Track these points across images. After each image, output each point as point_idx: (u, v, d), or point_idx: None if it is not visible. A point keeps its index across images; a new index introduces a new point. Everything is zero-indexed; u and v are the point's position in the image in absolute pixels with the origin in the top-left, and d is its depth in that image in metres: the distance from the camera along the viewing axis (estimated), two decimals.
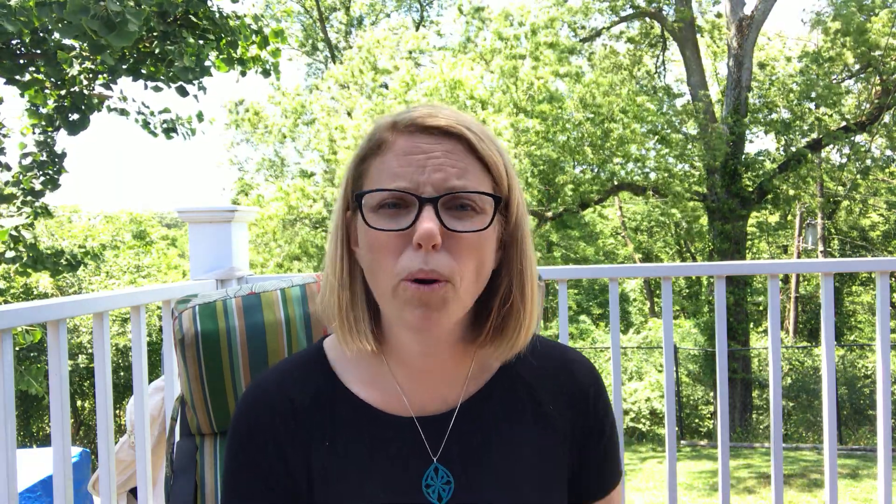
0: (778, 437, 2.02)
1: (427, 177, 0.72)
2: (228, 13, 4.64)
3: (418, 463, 0.79)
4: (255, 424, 0.81)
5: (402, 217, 0.72)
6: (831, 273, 2.03)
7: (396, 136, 0.76)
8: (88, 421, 12.64)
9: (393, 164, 0.74)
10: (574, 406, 0.86)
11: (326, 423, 0.81)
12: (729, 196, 11.57)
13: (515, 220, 0.79)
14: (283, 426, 0.80)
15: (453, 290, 0.72)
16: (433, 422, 0.81)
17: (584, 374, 0.89)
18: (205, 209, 2.11)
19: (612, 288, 2.05)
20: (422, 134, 0.74)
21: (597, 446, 0.88)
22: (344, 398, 0.82)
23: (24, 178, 4.74)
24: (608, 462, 0.89)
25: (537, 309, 0.83)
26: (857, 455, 8.45)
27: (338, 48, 17.80)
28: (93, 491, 2.24)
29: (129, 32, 3.29)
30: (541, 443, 0.83)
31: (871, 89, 12.13)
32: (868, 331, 18.02)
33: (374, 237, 0.73)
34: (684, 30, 12.47)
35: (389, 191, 0.72)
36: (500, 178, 0.77)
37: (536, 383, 0.86)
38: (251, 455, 0.80)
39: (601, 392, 0.89)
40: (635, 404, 11.94)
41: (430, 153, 0.73)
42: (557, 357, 0.89)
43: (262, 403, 0.82)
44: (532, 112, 10.07)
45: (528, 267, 0.80)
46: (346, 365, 0.84)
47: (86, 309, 1.53)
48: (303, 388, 0.83)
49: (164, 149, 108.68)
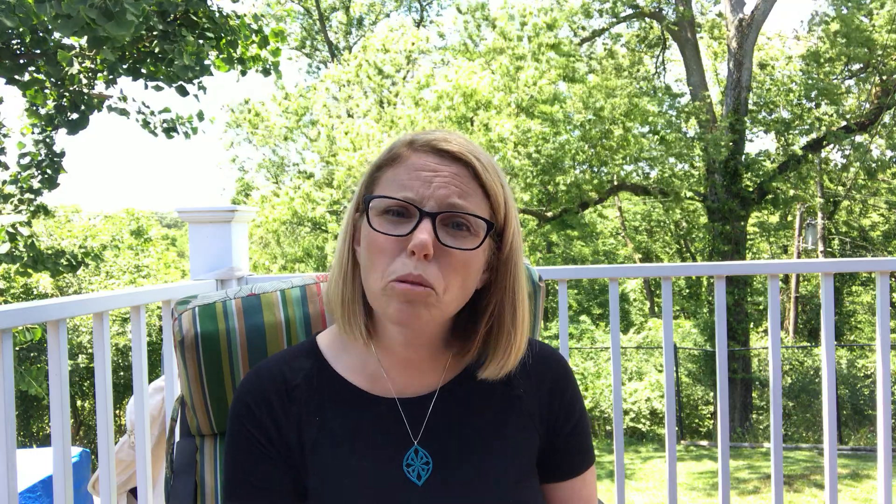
0: (778, 437, 2.02)
1: (431, 192, 0.79)
2: (228, 13, 4.63)
3: (399, 445, 0.86)
4: (252, 402, 0.87)
5: (403, 225, 0.80)
6: (831, 273, 2.03)
7: (411, 152, 0.84)
8: (88, 421, 12.64)
9: (403, 177, 0.81)
10: (543, 391, 0.94)
11: (316, 400, 0.88)
12: (729, 196, 11.57)
13: (510, 249, 0.86)
14: (278, 402, 0.87)
15: (436, 297, 0.79)
16: (414, 403, 0.88)
17: (552, 362, 0.97)
18: (205, 209, 2.11)
19: (612, 288, 2.05)
20: (434, 154, 0.82)
21: (566, 428, 0.94)
22: (332, 380, 0.89)
23: (23, 177, 4.73)
24: (579, 443, 0.95)
25: (527, 334, 0.90)
26: (857, 455, 8.45)
27: (338, 48, 17.80)
28: (93, 491, 2.24)
29: (127, 21, 3.29)
30: (514, 425, 0.90)
31: (872, 89, 12.13)
32: (868, 331, 18.01)
33: (374, 238, 0.80)
34: (684, 30, 12.47)
35: (395, 199, 0.80)
36: (497, 207, 0.84)
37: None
38: (252, 434, 0.86)
39: (569, 378, 0.97)
40: (635, 404, 11.94)
41: (438, 172, 0.81)
42: (532, 351, 0.95)
43: (258, 384, 0.89)
44: (533, 112, 10.07)
45: (519, 293, 0.87)
46: (337, 353, 0.91)
47: (86, 309, 1.53)
48: (295, 370, 0.90)
49: (164, 149, 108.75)
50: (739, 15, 11.79)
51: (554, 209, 12.02)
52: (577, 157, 11.10)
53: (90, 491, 2.25)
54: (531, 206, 12.13)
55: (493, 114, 9.74)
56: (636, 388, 12.32)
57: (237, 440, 0.87)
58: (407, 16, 19.25)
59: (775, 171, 11.93)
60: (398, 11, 19.23)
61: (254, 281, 2.14)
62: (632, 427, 11.61)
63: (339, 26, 18.71)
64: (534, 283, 1.16)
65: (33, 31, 4.24)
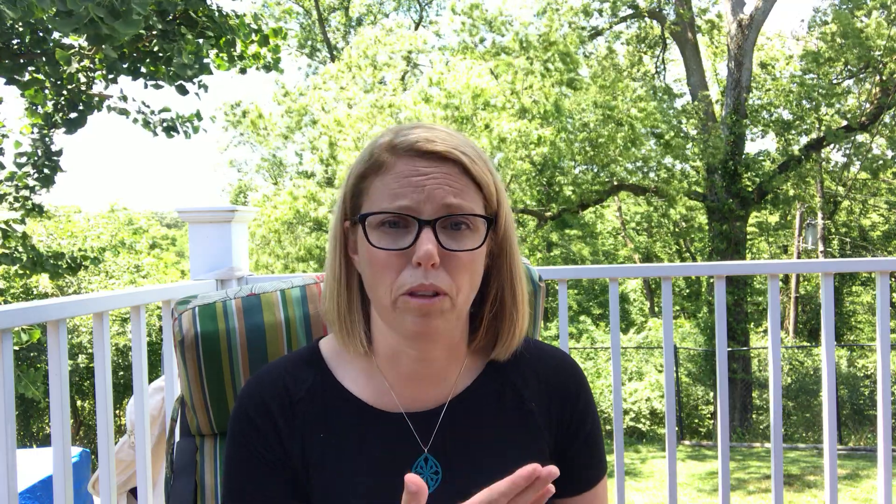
0: (778, 437, 2.02)
1: (425, 197, 0.77)
2: (228, 12, 4.63)
3: (408, 453, 0.84)
4: (254, 414, 0.85)
5: (402, 237, 0.78)
6: (831, 273, 2.03)
7: (396, 158, 0.80)
8: (88, 421, 12.63)
9: (393, 186, 0.79)
10: (556, 402, 0.91)
11: (320, 414, 0.85)
12: (729, 196, 11.57)
13: (504, 232, 0.86)
14: (281, 415, 0.85)
15: (450, 303, 0.78)
16: (423, 417, 0.86)
17: (566, 371, 0.94)
18: (205, 209, 2.11)
19: (612, 288, 2.05)
20: (421, 158, 0.79)
21: (578, 441, 0.92)
22: (336, 393, 0.87)
23: (18, 175, 4.73)
24: (591, 457, 0.93)
25: (528, 310, 0.90)
26: (857, 455, 8.45)
27: (337, 48, 17.79)
28: (93, 491, 2.24)
29: (134, 20, 3.28)
30: (524, 436, 0.88)
31: (871, 89, 12.13)
32: (868, 331, 18.01)
33: (375, 255, 0.78)
34: (684, 30, 12.47)
35: (391, 213, 0.78)
36: (490, 197, 0.83)
37: (520, 381, 0.91)
38: (252, 442, 0.84)
39: (583, 388, 0.94)
40: (635, 404, 11.93)
41: (428, 175, 0.78)
42: (542, 356, 0.94)
43: (260, 395, 0.86)
44: (535, 115, 10.06)
45: (516, 273, 0.87)
46: (340, 363, 0.89)
47: (86, 309, 1.53)
48: (298, 382, 0.87)
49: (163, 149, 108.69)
50: (739, 15, 11.79)
51: (553, 209, 12.02)
52: (578, 158, 11.10)
53: (90, 491, 2.25)
54: (531, 207, 12.13)
55: (494, 115, 9.73)
56: (636, 388, 12.31)
57: (237, 448, 0.85)
58: (406, 16, 19.26)
59: (775, 171, 11.94)
60: (397, 12, 19.23)
61: (254, 281, 2.14)
62: (632, 427, 11.61)
63: (338, 27, 18.72)
64: (534, 283, 1.16)
65: (33, 31, 4.23)
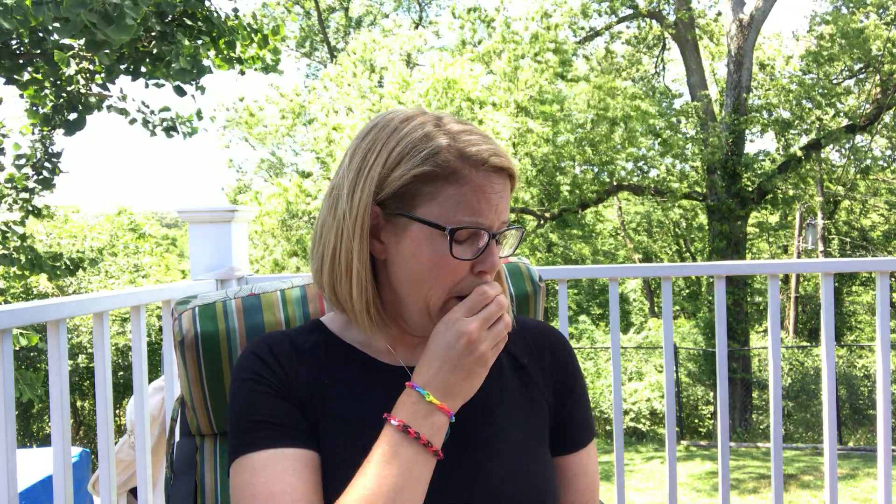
0: (778, 437, 2.02)
1: (495, 213, 0.83)
2: (227, 13, 4.63)
3: None
4: (260, 353, 0.87)
5: (469, 246, 0.83)
6: (831, 273, 2.03)
7: (471, 170, 0.82)
8: (88, 421, 12.64)
9: (472, 199, 0.82)
10: (546, 361, 0.97)
11: (324, 364, 0.89)
12: (728, 196, 11.57)
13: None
14: (286, 360, 0.87)
15: None
16: None
17: (552, 335, 1.01)
18: (205, 209, 2.12)
19: (612, 288, 2.05)
20: (494, 174, 0.83)
21: (574, 396, 0.97)
22: (340, 348, 0.91)
23: (18, 177, 4.73)
24: (583, 416, 0.98)
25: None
26: (857, 455, 8.45)
27: (336, 49, 17.78)
28: (93, 491, 2.24)
29: (127, 26, 3.28)
30: (521, 391, 0.94)
31: (871, 89, 12.13)
32: (868, 331, 18.01)
33: (448, 261, 0.82)
34: (683, 30, 12.47)
35: (476, 227, 0.82)
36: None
37: (510, 344, 0.95)
38: (259, 371, 0.86)
39: (570, 352, 1.00)
40: (635, 404, 11.93)
41: (498, 192, 0.84)
42: (526, 324, 1.01)
43: (265, 342, 0.89)
44: (534, 113, 10.07)
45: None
46: (342, 329, 0.93)
47: (86, 309, 1.53)
48: (303, 340, 0.91)
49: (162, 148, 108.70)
50: (739, 15, 11.79)
51: (553, 209, 12.02)
52: (577, 158, 11.10)
53: (90, 491, 2.25)
54: (531, 207, 12.12)
55: (488, 110, 9.74)
56: (636, 389, 12.31)
57: (242, 382, 0.85)
58: (406, 16, 19.25)
59: (775, 171, 11.93)
60: (397, 12, 19.22)
61: (254, 281, 2.14)
62: (632, 427, 11.60)
63: (338, 27, 18.71)
64: (534, 283, 1.16)
65: (32, 32, 4.23)
